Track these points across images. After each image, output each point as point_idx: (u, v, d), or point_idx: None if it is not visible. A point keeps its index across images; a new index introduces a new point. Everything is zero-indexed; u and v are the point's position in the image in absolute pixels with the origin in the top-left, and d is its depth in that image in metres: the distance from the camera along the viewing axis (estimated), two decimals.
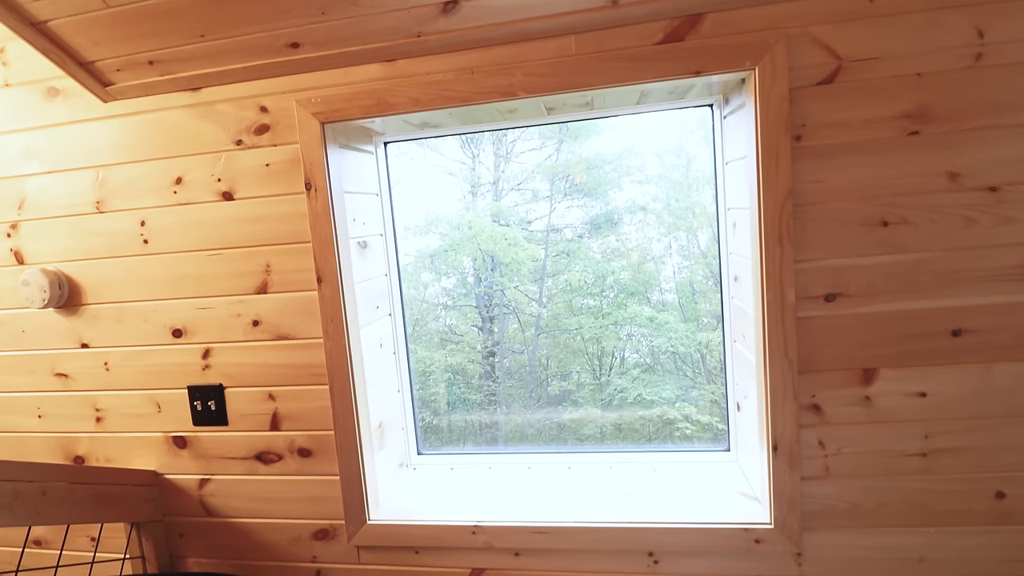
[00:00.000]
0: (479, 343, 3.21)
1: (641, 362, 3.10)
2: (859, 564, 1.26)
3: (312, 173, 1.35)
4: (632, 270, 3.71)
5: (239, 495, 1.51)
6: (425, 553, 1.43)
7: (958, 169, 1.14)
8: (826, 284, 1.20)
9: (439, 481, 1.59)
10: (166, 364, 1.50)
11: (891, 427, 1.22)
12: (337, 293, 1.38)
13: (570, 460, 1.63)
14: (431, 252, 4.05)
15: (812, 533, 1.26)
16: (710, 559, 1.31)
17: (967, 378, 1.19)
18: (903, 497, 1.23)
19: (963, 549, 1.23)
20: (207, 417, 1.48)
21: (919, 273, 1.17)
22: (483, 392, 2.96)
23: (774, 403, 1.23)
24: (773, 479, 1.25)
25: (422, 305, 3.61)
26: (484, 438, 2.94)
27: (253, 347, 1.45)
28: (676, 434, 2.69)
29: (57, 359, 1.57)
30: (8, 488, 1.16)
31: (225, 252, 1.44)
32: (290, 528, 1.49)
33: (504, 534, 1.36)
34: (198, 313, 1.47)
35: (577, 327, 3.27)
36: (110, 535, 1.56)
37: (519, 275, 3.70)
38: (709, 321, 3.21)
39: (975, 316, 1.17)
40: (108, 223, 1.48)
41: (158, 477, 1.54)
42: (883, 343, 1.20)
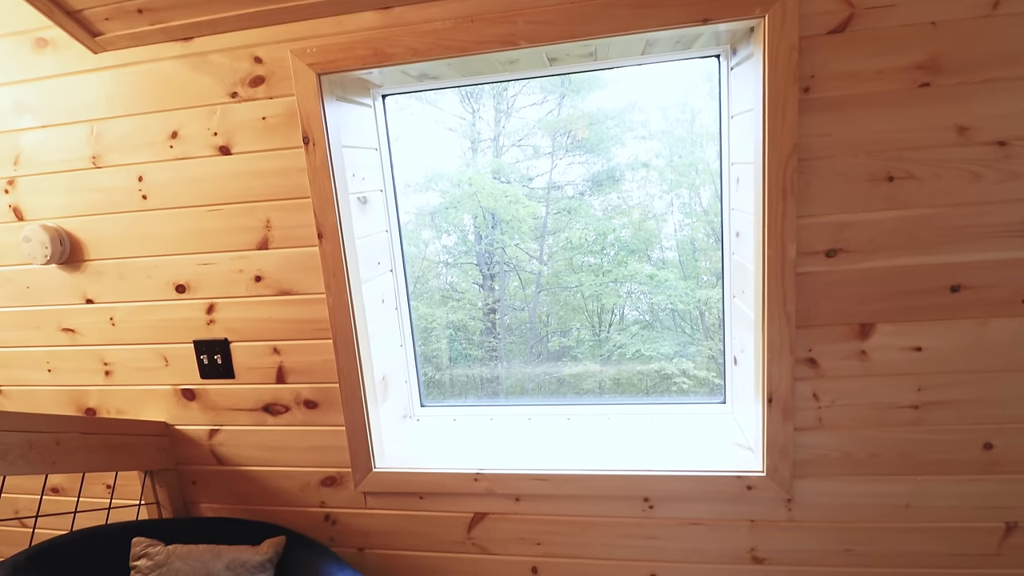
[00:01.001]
0: (480, 300, 3.23)
1: (640, 319, 3.13)
2: (846, 510, 1.31)
3: (310, 126, 1.32)
4: (633, 228, 3.69)
5: (248, 445, 1.56)
6: (429, 499, 1.49)
7: (967, 123, 1.12)
8: (828, 240, 1.20)
9: (442, 431, 1.64)
10: (171, 319, 1.52)
11: (885, 380, 1.25)
12: (338, 249, 1.38)
13: (569, 412, 1.67)
14: (431, 210, 4.02)
15: (802, 480, 1.31)
16: (703, 504, 1.36)
17: (963, 333, 1.20)
18: (893, 447, 1.27)
19: (948, 496, 1.28)
20: (214, 370, 1.51)
21: (921, 229, 1.17)
22: (484, 348, 3.00)
23: (771, 357, 1.25)
24: (767, 429, 1.28)
25: (423, 263, 3.61)
26: (485, 392, 3.01)
27: (256, 302, 1.47)
28: (673, 388, 2.74)
29: (63, 314, 1.58)
30: (23, 438, 1.20)
31: (225, 208, 1.43)
32: (299, 475, 1.55)
33: (505, 481, 1.41)
34: (200, 269, 1.48)
35: (577, 284, 3.28)
36: (125, 483, 1.62)
37: (520, 233, 3.69)
38: (709, 279, 3.22)
39: (974, 272, 1.17)
40: (106, 179, 1.46)
41: (168, 428, 1.59)
42: (881, 298, 1.21)
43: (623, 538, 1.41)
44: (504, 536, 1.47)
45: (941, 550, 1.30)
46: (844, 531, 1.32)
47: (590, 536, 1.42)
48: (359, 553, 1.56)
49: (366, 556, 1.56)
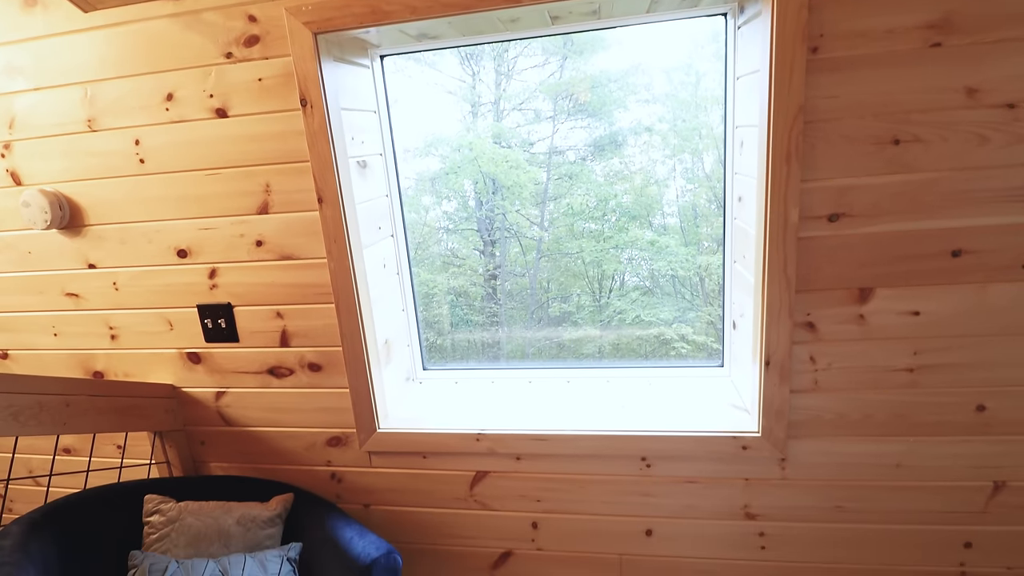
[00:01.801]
0: (481, 266, 3.23)
1: (640, 285, 3.13)
2: (838, 468, 1.34)
3: (307, 88, 1.30)
4: (635, 193, 3.66)
5: (254, 406, 1.59)
6: (432, 458, 1.53)
7: (977, 84, 1.09)
8: (830, 204, 1.20)
9: (444, 394, 1.67)
10: (174, 284, 1.53)
11: (882, 344, 1.26)
12: (339, 214, 1.38)
13: (569, 375, 1.70)
14: (431, 175, 3.97)
15: (797, 441, 1.34)
16: (699, 463, 1.40)
17: (961, 298, 1.21)
18: (887, 408, 1.29)
19: (939, 456, 1.31)
20: (218, 334, 1.53)
21: (925, 193, 1.16)
22: (485, 314, 3.02)
23: (769, 321, 1.26)
24: (763, 391, 1.31)
25: (424, 229, 3.59)
26: (486, 357, 3.04)
27: (258, 267, 1.47)
28: (672, 353, 2.77)
29: (66, 279, 1.59)
30: (33, 400, 1.23)
31: (223, 172, 1.42)
32: (305, 436, 1.59)
33: (506, 440, 1.45)
34: (201, 234, 1.47)
35: (578, 251, 3.27)
36: (135, 443, 1.66)
37: (520, 198, 3.66)
38: (710, 245, 3.22)
39: (976, 237, 1.17)
40: (102, 142, 1.45)
41: (176, 390, 1.62)
42: (882, 263, 1.21)
43: (621, 495, 1.45)
44: (505, 493, 1.52)
45: (929, 507, 1.34)
46: (835, 489, 1.36)
47: (589, 493, 1.47)
48: (365, 509, 1.62)
49: (371, 512, 1.61)
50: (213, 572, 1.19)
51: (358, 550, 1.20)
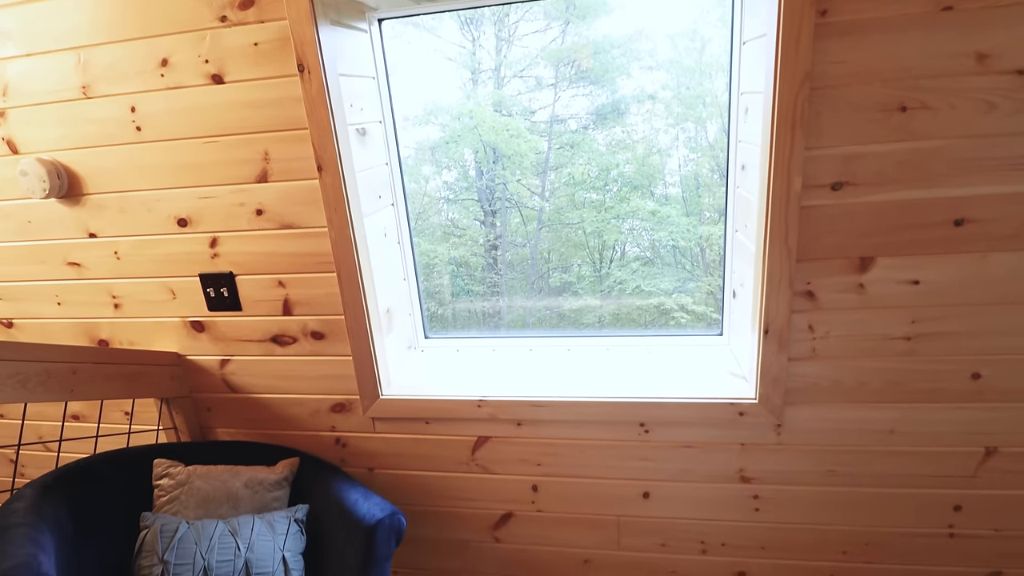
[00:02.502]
0: (481, 236, 3.22)
1: (641, 255, 3.13)
2: (831, 434, 1.37)
3: (304, 53, 1.27)
4: (637, 163, 3.62)
5: (259, 374, 1.61)
6: (435, 423, 1.56)
7: (988, 50, 1.07)
8: (834, 172, 1.19)
9: (446, 361, 1.69)
10: (175, 253, 1.53)
11: (880, 312, 1.27)
12: (339, 182, 1.37)
13: (569, 343, 1.72)
14: (431, 144, 3.93)
15: (793, 407, 1.36)
16: (696, 429, 1.43)
17: (962, 267, 1.21)
18: (883, 376, 1.31)
19: (932, 422, 1.33)
20: (221, 303, 1.54)
21: (931, 161, 1.15)
22: (486, 284, 3.02)
23: (769, 289, 1.27)
24: (761, 359, 1.32)
25: (424, 199, 3.57)
26: (487, 327, 3.06)
27: (259, 236, 1.47)
28: (671, 323, 2.79)
29: (67, 249, 1.59)
30: (40, 368, 1.24)
31: (221, 139, 1.40)
32: (309, 402, 1.61)
33: (507, 407, 1.48)
34: (201, 202, 1.47)
35: (579, 221, 3.26)
36: (142, 409, 1.69)
37: (521, 168, 3.62)
38: (711, 215, 3.20)
39: (980, 206, 1.17)
40: (98, 110, 1.43)
41: (180, 358, 1.64)
42: (884, 232, 1.21)
43: (619, 459, 1.49)
44: (506, 457, 1.55)
45: (920, 471, 1.37)
46: (829, 453, 1.39)
47: (588, 457, 1.50)
48: (369, 473, 1.66)
49: (376, 476, 1.66)
50: (223, 532, 1.23)
51: (363, 511, 1.24)
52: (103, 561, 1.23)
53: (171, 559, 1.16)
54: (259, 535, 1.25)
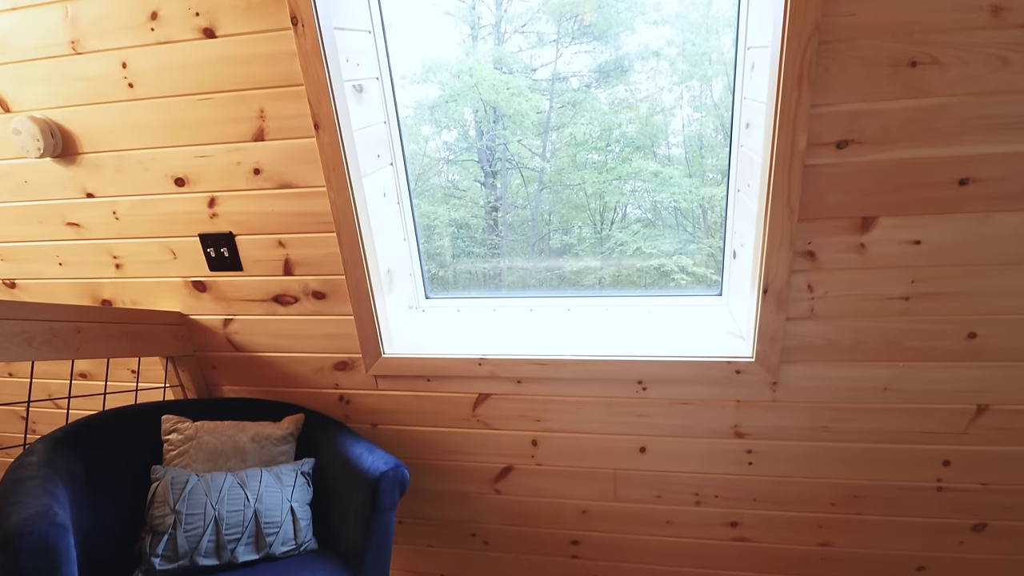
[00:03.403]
0: (482, 198, 3.20)
1: (643, 217, 3.11)
2: (826, 392, 1.40)
3: (297, 5, 1.23)
4: (640, 123, 3.55)
5: (262, 333, 1.63)
6: (436, 381, 1.58)
7: (1003, 3, 1.03)
8: (840, 130, 1.17)
9: (447, 321, 1.71)
10: (174, 213, 1.52)
11: (880, 272, 1.27)
12: (336, 140, 1.35)
13: (569, 303, 1.73)
14: (430, 103, 3.84)
15: (789, 366, 1.38)
16: (692, 386, 1.45)
17: (964, 227, 1.21)
18: (879, 335, 1.32)
19: (926, 380, 1.35)
20: (222, 263, 1.54)
21: (938, 119, 1.13)
22: (487, 246, 3.01)
23: (770, 249, 1.26)
24: (759, 319, 1.33)
25: (423, 160, 3.52)
26: (488, 289, 3.07)
27: (257, 196, 1.46)
28: (671, 285, 2.79)
29: (66, 209, 1.58)
30: (46, 327, 1.26)
31: (215, 96, 1.37)
32: (312, 360, 1.64)
33: (507, 365, 1.50)
34: (197, 161, 1.45)
35: (580, 182, 3.22)
36: (148, 367, 1.71)
37: (522, 128, 3.56)
38: (714, 176, 3.16)
39: (985, 165, 1.15)
40: (88, 66, 1.40)
41: (184, 318, 1.65)
42: (887, 191, 1.20)
43: (617, 415, 1.52)
44: (506, 414, 1.59)
45: (912, 428, 1.40)
46: (822, 410, 1.42)
47: (586, 414, 1.54)
48: (372, 429, 1.70)
49: (379, 431, 1.70)
50: (232, 484, 1.27)
51: (367, 464, 1.28)
52: (115, 512, 1.28)
53: (183, 509, 1.20)
54: (267, 487, 1.29)
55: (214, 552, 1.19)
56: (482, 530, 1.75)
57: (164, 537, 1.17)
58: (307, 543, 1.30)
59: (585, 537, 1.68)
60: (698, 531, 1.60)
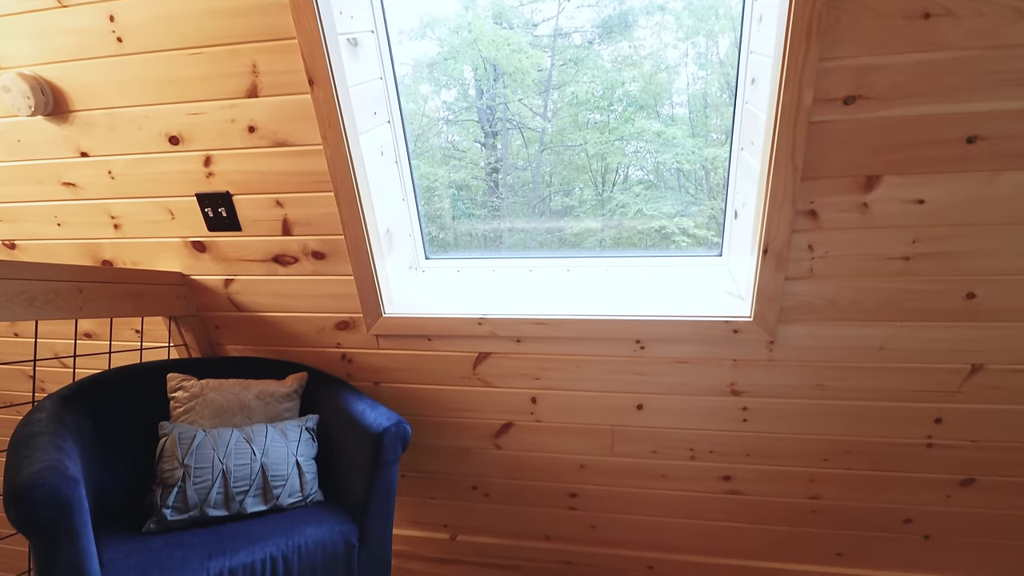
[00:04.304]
0: (482, 159, 3.15)
1: (644, 179, 3.07)
2: (822, 351, 1.41)
3: None
4: (643, 81, 3.47)
5: (262, 293, 1.64)
6: (437, 340, 1.60)
7: None
8: (848, 86, 1.14)
9: (447, 281, 1.71)
10: (169, 172, 1.51)
11: (882, 232, 1.27)
12: (331, 97, 1.32)
13: (569, 264, 1.73)
14: (429, 61, 3.73)
15: (786, 325, 1.39)
16: (690, 345, 1.47)
17: (969, 186, 1.19)
18: (877, 295, 1.33)
19: (922, 340, 1.36)
20: (220, 223, 1.54)
21: (949, 74, 1.10)
22: (487, 208, 2.99)
23: (772, 208, 1.25)
24: (759, 278, 1.33)
25: (422, 119, 3.45)
26: (488, 251, 3.06)
27: (253, 154, 1.44)
28: (672, 247, 2.78)
29: (61, 168, 1.57)
30: (47, 287, 1.26)
31: (206, 51, 1.34)
32: (314, 320, 1.65)
33: (507, 325, 1.51)
34: (191, 119, 1.43)
35: (582, 142, 3.17)
36: (152, 327, 1.73)
37: (523, 86, 3.48)
38: (718, 137, 3.10)
39: (994, 122, 1.13)
40: (74, 19, 1.36)
41: (185, 278, 1.66)
42: (894, 149, 1.18)
43: (615, 374, 1.54)
44: (506, 372, 1.61)
45: (905, 386, 1.42)
46: (818, 369, 1.43)
47: (585, 372, 1.56)
48: (374, 387, 1.73)
49: (381, 389, 1.73)
50: (238, 439, 1.30)
51: (370, 420, 1.30)
52: (124, 466, 1.31)
53: (191, 463, 1.23)
54: (273, 442, 1.32)
55: (223, 503, 1.23)
56: (483, 483, 1.80)
57: (174, 489, 1.21)
58: (313, 495, 1.34)
59: (583, 490, 1.73)
60: (692, 484, 1.65)
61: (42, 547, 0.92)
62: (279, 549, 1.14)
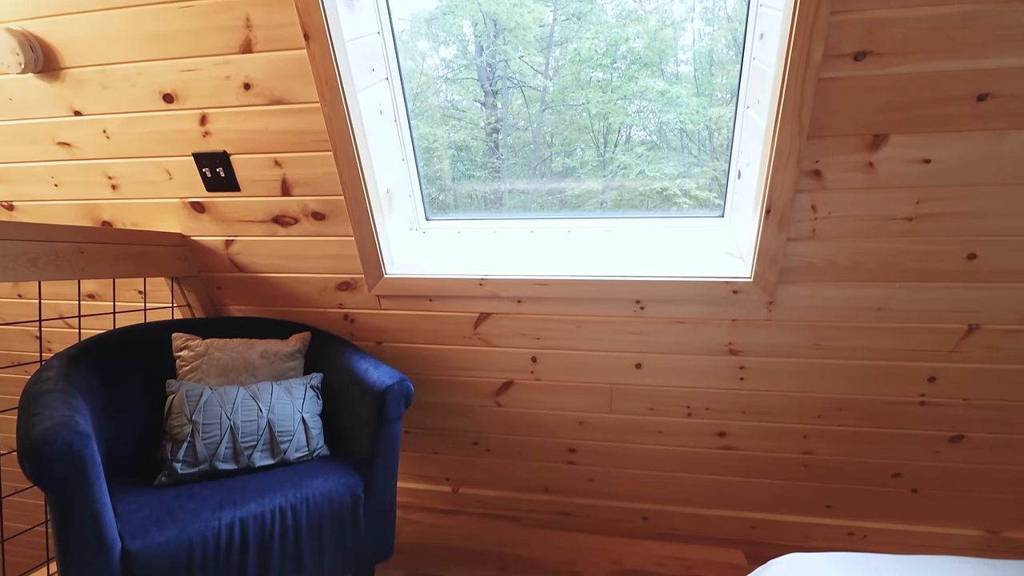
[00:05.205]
0: (482, 119, 3.09)
1: (647, 139, 3.01)
2: (820, 311, 1.42)
3: None
4: (648, 37, 3.35)
5: (263, 254, 1.64)
6: (438, 301, 1.61)
7: None
8: (859, 40, 1.11)
9: (447, 243, 1.71)
10: (165, 131, 1.48)
11: (886, 192, 1.26)
12: (328, 52, 1.29)
13: (570, 225, 1.72)
14: (427, 16, 3.61)
15: (786, 286, 1.40)
16: (689, 306, 1.48)
17: (976, 145, 1.18)
18: (878, 256, 1.33)
19: (920, 300, 1.37)
20: (219, 183, 1.52)
21: (962, 29, 1.07)
22: (487, 169, 2.95)
23: (776, 168, 1.24)
24: (760, 239, 1.33)
25: (420, 78, 3.35)
26: (489, 212, 3.04)
27: (250, 112, 1.42)
28: (673, 208, 2.76)
29: (55, 128, 1.54)
30: (48, 247, 1.26)
31: (197, 3, 1.30)
32: (316, 281, 1.66)
33: (507, 285, 1.52)
34: (185, 76, 1.40)
35: (584, 102, 3.10)
36: (155, 289, 1.74)
37: (524, 43, 3.37)
38: (723, 96, 3.02)
39: (1006, 80, 1.11)
40: None
41: (185, 239, 1.65)
42: (902, 107, 1.16)
43: (614, 333, 1.56)
44: (507, 332, 1.63)
45: (901, 346, 1.44)
46: (816, 329, 1.45)
47: (584, 332, 1.57)
48: (377, 346, 1.75)
49: (383, 348, 1.75)
50: (245, 396, 1.32)
51: (373, 378, 1.33)
52: (133, 422, 1.34)
53: (199, 419, 1.26)
54: (278, 399, 1.35)
55: (232, 457, 1.27)
56: (484, 439, 1.85)
57: (184, 444, 1.24)
58: (319, 449, 1.38)
59: (581, 445, 1.78)
60: (688, 440, 1.69)
61: (58, 499, 0.95)
62: (287, 500, 1.18)
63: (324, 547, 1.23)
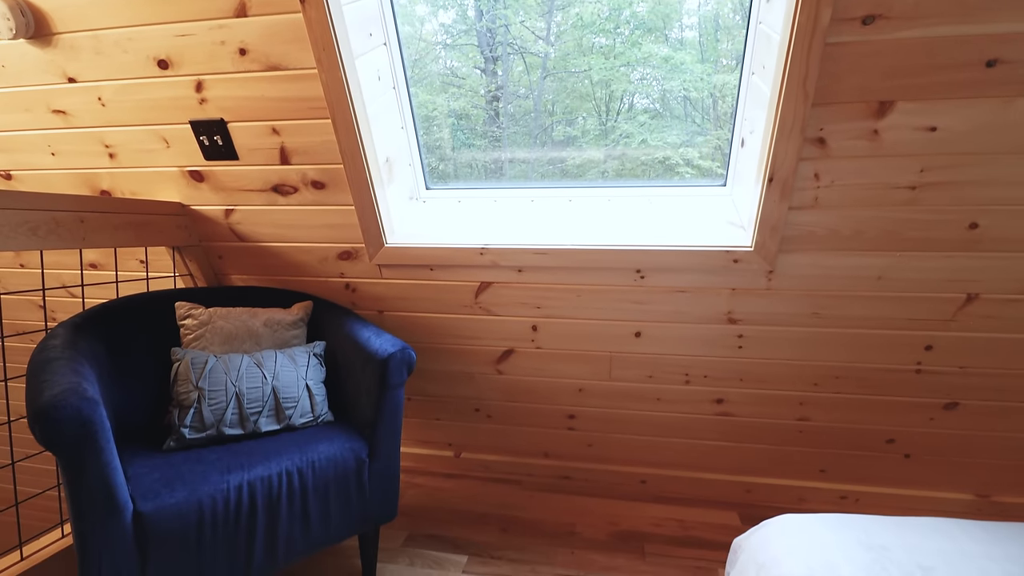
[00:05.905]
0: (482, 87, 3.03)
1: (650, 107, 2.96)
2: (820, 280, 1.43)
3: None
4: (652, 1, 3.26)
5: (264, 223, 1.63)
6: (439, 270, 1.62)
7: None
8: (867, 3, 1.09)
9: (448, 212, 1.71)
10: (161, 98, 1.46)
11: (890, 161, 1.25)
12: (324, 15, 1.26)
13: (571, 194, 1.71)
14: None
15: (786, 255, 1.40)
16: (689, 275, 1.48)
17: (982, 112, 1.16)
18: (880, 225, 1.33)
19: (920, 270, 1.38)
20: (217, 152, 1.51)
21: None
22: (488, 138, 2.91)
23: (780, 135, 1.23)
24: (762, 208, 1.33)
25: (419, 44, 3.28)
26: (489, 182, 3.01)
27: (246, 79, 1.39)
28: (675, 178, 2.75)
29: (50, 95, 1.52)
30: (48, 216, 1.26)
31: None
32: (317, 250, 1.66)
33: (508, 254, 1.52)
34: (178, 41, 1.37)
35: (586, 69, 3.04)
36: (156, 258, 1.74)
37: (525, 7, 3.28)
38: (728, 63, 2.96)
39: (1017, 45, 1.09)
40: None
41: (185, 208, 1.65)
42: (910, 73, 1.14)
43: (614, 302, 1.57)
44: (507, 301, 1.64)
45: (900, 315, 1.45)
46: (815, 298, 1.46)
47: (585, 301, 1.58)
48: (379, 315, 1.76)
49: (384, 317, 1.76)
50: (249, 364, 1.34)
51: (376, 346, 1.34)
52: (140, 389, 1.37)
53: (205, 386, 1.28)
54: (282, 366, 1.36)
55: (238, 423, 1.29)
56: (485, 405, 1.88)
57: (191, 410, 1.26)
58: (324, 415, 1.40)
59: (580, 412, 1.81)
60: (685, 407, 1.72)
61: (70, 463, 0.98)
62: (294, 464, 1.21)
63: (330, 509, 1.26)
